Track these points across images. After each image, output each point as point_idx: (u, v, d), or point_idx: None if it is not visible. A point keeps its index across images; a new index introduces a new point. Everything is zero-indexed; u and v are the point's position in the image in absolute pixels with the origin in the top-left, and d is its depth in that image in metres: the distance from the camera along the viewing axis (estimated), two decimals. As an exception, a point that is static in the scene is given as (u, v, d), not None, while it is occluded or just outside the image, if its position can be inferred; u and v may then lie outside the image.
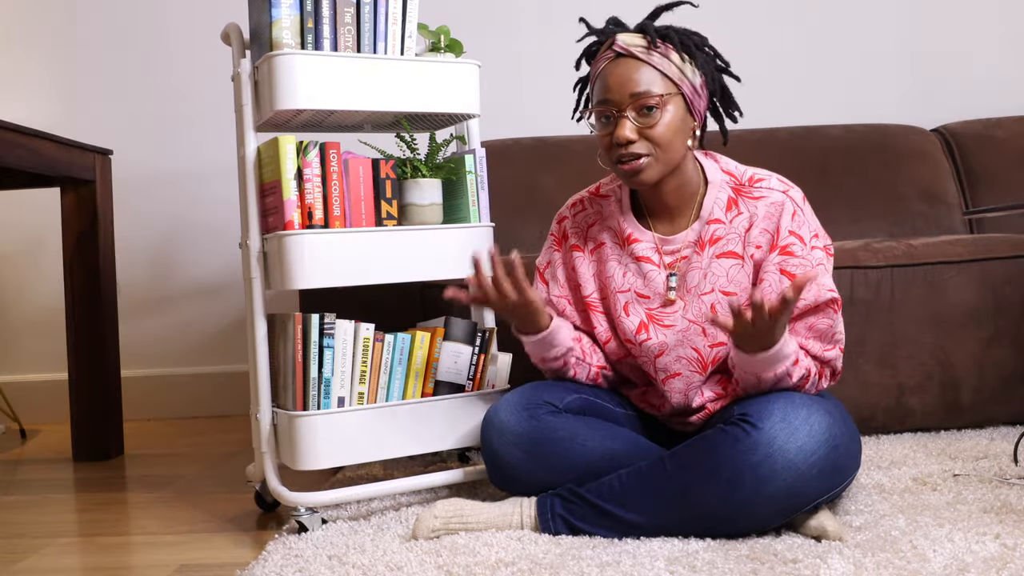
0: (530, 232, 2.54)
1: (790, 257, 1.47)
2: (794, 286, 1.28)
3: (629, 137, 1.45)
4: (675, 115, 1.46)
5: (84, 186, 2.38)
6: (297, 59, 1.55)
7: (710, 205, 1.53)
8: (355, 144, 2.14)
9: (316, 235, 1.55)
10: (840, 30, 2.97)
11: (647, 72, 1.45)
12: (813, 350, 1.48)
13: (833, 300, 1.46)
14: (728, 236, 1.51)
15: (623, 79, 1.46)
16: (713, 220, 1.52)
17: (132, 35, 2.98)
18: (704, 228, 1.53)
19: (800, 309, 1.46)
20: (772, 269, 1.48)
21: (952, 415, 2.06)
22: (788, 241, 1.48)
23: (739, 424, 1.36)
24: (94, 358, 2.38)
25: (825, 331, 1.47)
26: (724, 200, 1.53)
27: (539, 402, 1.56)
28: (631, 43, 1.47)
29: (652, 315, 1.56)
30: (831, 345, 1.49)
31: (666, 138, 1.46)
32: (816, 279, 1.46)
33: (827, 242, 1.52)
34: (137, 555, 1.55)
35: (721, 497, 1.35)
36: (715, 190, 1.53)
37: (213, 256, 2.99)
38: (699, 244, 1.53)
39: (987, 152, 2.70)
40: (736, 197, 1.52)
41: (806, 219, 1.50)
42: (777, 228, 1.49)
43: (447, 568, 1.30)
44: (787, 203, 1.49)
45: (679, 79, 1.47)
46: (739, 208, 1.52)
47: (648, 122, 1.45)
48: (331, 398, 1.58)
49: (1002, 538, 1.31)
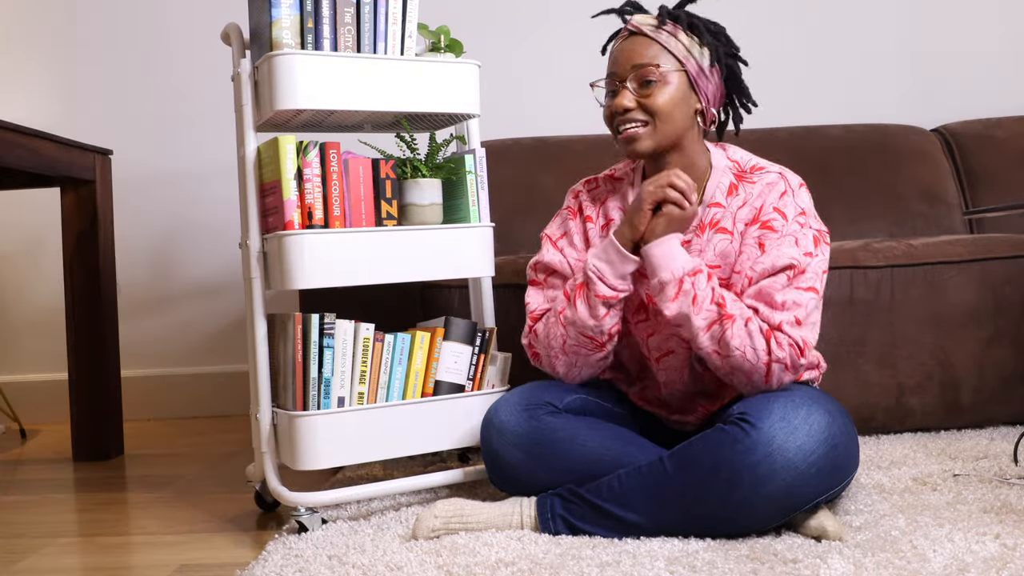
0: (530, 232, 2.54)
1: (769, 231, 1.49)
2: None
3: (626, 105, 1.50)
4: (676, 89, 1.51)
5: (84, 186, 2.38)
6: (297, 59, 1.55)
7: (712, 189, 1.56)
8: (355, 144, 2.14)
9: (316, 235, 1.55)
10: (840, 30, 2.97)
11: (652, 47, 1.51)
12: (762, 313, 1.44)
13: (789, 266, 1.45)
14: (724, 217, 1.54)
15: (628, 53, 1.53)
16: (714, 204, 1.55)
17: (132, 35, 2.98)
18: (705, 211, 1.55)
19: (758, 273, 1.47)
20: (751, 242, 1.50)
21: (952, 415, 2.06)
22: (770, 216, 1.50)
23: (738, 423, 1.36)
24: (94, 358, 2.38)
25: (771, 295, 1.44)
26: (726, 185, 1.55)
27: (539, 402, 1.56)
28: (642, 22, 1.54)
29: (651, 295, 1.56)
30: (783, 312, 1.43)
31: (664, 109, 1.50)
32: (780, 246, 1.46)
33: (819, 227, 1.51)
34: (137, 555, 1.55)
35: (720, 496, 1.35)
36: (718, 175, 1.56)
37: (213, 256, 2.99)
38: (699, 227, 1.55)
39: (987, 152, 2.70)
40: (737, 183, 1.55)
41: (795, 200, 1.51)
42: (763, 204, 1.51)
43: (447, 568, 1.30)
44: (779, 183, 1.52)
45: (684, 56, 1.51)
46: (738, 192, 1.54)
47: (646, 92, 1.51)
48: (331, 398, 1.58)
49: (1002, 538, 1.31)
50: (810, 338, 1.46)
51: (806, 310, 1.45)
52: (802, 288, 1.45)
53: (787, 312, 1.44)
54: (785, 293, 1.44)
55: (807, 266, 1.46)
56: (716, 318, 1.43)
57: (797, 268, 1.45)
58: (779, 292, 1.44)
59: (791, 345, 1.43)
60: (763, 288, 1.45)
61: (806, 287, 1.45)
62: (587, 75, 1.74)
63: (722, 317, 1.43)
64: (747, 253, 1.50)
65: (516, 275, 2.05)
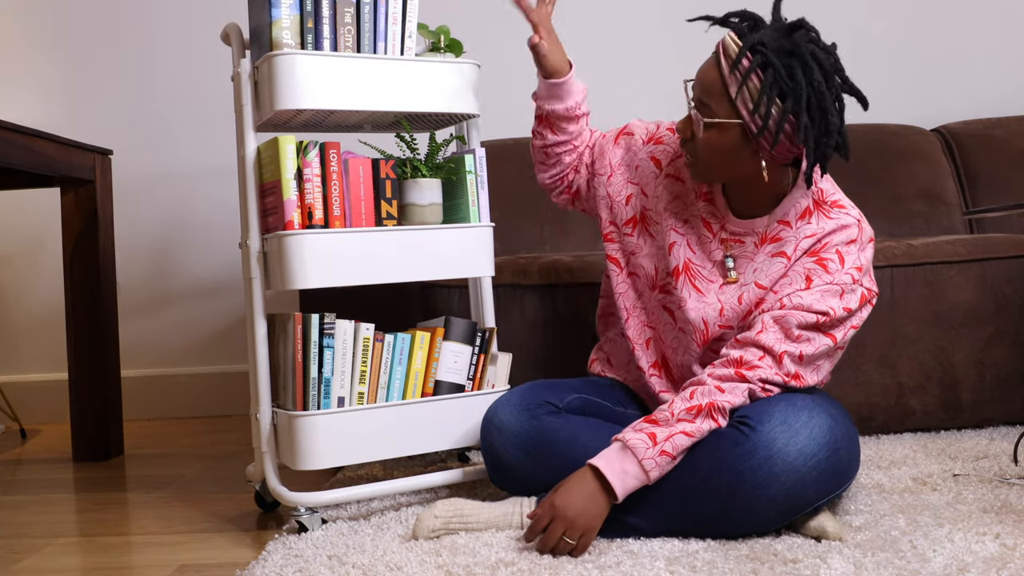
0: (530, 232, 2.54)
1: (822, 270, 1.43)
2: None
3: (681, 130, 1.45)
4: (724, 139, 1.40)
5: (84, 186, 2.38)
6: (297, 59, 1.55)
7: (788, 206, 1.48)
8: (355, 144, 2.14)
9: (316, 235, 1.55)
10: (840, 30, 2.97)
11: (716, 85, 1.39)
12: (766, 340, 1.40)
13: (824, 314, 1.39)
14: (787, 239, 1.48)
15: (701, 75, 1.42)
16: (783, 221, 1.48)
17: (133, 35, 2.98)
18: (772, 226, 1.49)
19: (792, 304, 1.41)
20: (799, 270, 1.44)
21: (952, 415, 2.06)
22: (829, 256, 1.43)
23: (738, 426, 1.36)
24: (94, 358, 2.38)
25: (790, 326, 1.40)
26: (802, 207, 1.48)
27: (539, 402, 1.56)
28: (727, 48, 1.38)
29: (693, 272, 1.52)
30: (793, 344, 1.40)
31: (703, 155, 1.43)
32: (826, 293, 1.41)
33: (869, 286, 1.44)
34: (137, 555, 1.55)
35: (721, 499, 1.35)
36: (798, 193, 1.48)
37: (213, 256, 2.99)
38: (761, 238, 1.49)
39: (987, 152, 2.70)
40: (814, 210, 1.48)
41: (859, 253, 1.44)
42: (828, 242, 1.45)
43: (447, 568, 1.30)
44: (853, 229, 1.45)
45: (748, 113, 1.36)
46: (811, 220, 1.47)
47: (698, 129, 1.41)
48: (331, 398, 1.58)
49: (1002, 538, 1.31)
50: (806, 377, 1.42)
51: (815, 351, 1.41)
52: (824, 332, 1.41)
53: (796, 345, 1.40)
54: (805, 330, 1.40)
55: (841, 319, 1.41)
56: (711, 426, 1.37)
57: (831, 318, 1.40)
58: (800, 327, 1.40)
59: (787, 376, 1.40)
60: (787, 316, 1.40)
61: (828, 332, 1.42)
62: (587, 75, 1.74)
63: (711, 415, 1.37)
64: (791, 278, 1.45)
65: (516, 275, 2.06)
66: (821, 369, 1.46)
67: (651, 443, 1.34)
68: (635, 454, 1.34)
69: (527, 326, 2.05)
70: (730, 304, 1.50)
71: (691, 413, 1.36)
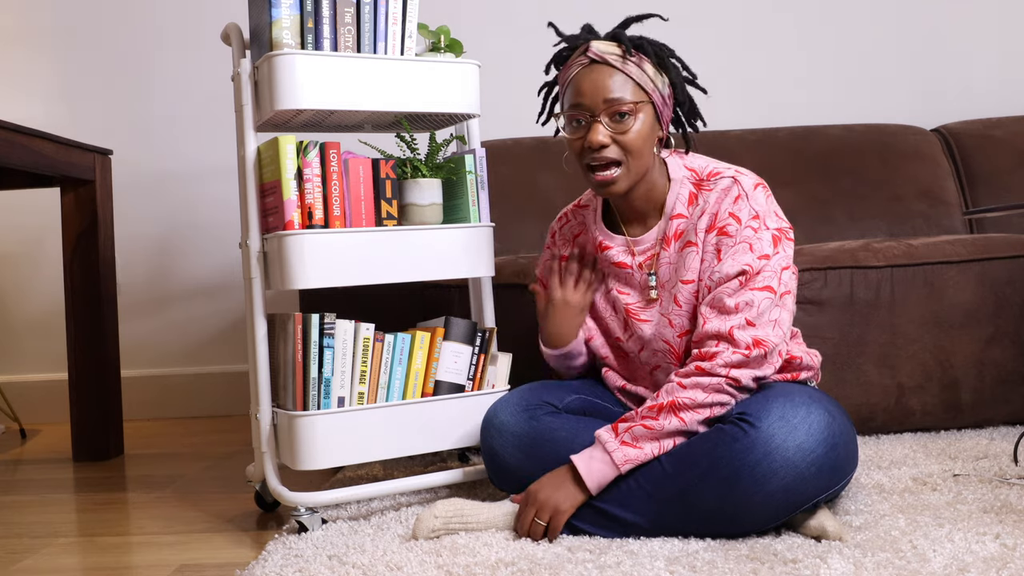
0: (530, 232, 2.54)
1: (725, 237, 1.48)
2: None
3: (602, 141, 1.47)
4: (645, 123, 1.49)
5: (84, 186, 2.38)
6: (297, 59, 1.55)
7: (672, 201, 1.55)
8: (355, 144, 2.14)
9: (316, 235, 1.55)
10: (840, 30, 2.97)
11: (621, 80, 1.48)
12: (712, 327, 1.43)
13: (742, 272, 1.44)
14: (688, 228, 1.53)
15: (597, 85, 1.48)
16: (676, 216, 1.55)
17: (132, 35, 2.98)
18: (668, 224, 1.55)
19: (715, 281, 1.46)
20: (710, 249, 1.50)
21: (952, 415, 2.06)
22: (725, 222, 1.49)
23: (737, 423, 1.37)
24: (94, 358, 2.38)
25: (723, 300, 1.43)
26: (686, 195, 1.55)
27: (539, 402, 1.57)
28: (606, 51, 1.49)
29: (631, 311, 1.58)
30: (734, 316, 1.42)
31: (636, 145, 1.49)
32: (735, 254, 1.46)
33: (777, 226, 1.49)
34: (137, 555, 1.55)
35: (720, 496, 1.35)
36: (677, 186, 1.56)
37: (213, 256, 2.99)
38: (664, 240, 1.55)
39: (987, 152, 2.71)
40: (696, 192, 1.54)
41: (750, 203, 1.48)
42: (718, 211, 1.50)
43: (447, 568, 1.30)
44: (733, 187, 1.50)
45: (651, 89, 1.50)
46: (697, 202, 1.54)
47: (620, 128, 1.48)
48: (331, 398, 1.58)
49: (1002, 538, 1.31)
50: (768, 335, 1.43)
51: (758, 309, 1.43)
52: (756, 288, 1.44)
53: (738, 315, 1.43)
54: (737, 296, 1.43)
55: (762, 267, 1.45)
56: (678, 424, 1.41)
57: (750, 273, 1.44)
58: (730, 296, 1.44)
59: (747, 347, 1.41)
60: (716, 295, 1.45)
61: (761, 287, 1.44)
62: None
63: (676, 413, 1.41)
64: (708, 262, 1.50)
65: (516, 275, 2.06)
66: (782, 323, 1.46)
67: (614, 434, 1.44)
68: (601, 444, 1.44)
69: (527, 326, 2.04)
70: (672, 312, 1.53)
71: (653, 411, 1.43)
